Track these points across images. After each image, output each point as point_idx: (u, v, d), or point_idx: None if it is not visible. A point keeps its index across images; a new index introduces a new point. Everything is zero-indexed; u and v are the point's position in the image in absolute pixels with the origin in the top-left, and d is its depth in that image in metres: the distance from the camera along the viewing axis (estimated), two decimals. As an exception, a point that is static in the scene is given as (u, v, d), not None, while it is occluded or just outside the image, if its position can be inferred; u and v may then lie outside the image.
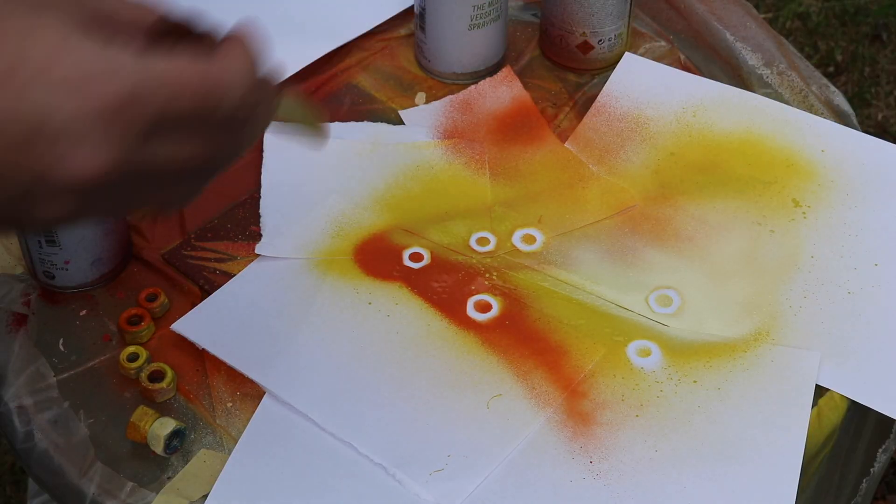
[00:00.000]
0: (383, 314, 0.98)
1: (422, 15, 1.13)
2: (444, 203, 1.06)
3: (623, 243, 1.03)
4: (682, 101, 1.13)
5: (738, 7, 1.21)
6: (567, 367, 0.95)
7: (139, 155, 0.58)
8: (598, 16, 1.13)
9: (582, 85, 1.16)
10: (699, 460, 0.90)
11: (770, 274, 1.01)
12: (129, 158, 0.58)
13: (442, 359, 0.95)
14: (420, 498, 0.88)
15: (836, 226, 1.04)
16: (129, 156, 0.58)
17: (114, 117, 0.57)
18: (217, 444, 0.92)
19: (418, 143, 1.10)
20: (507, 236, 1.04)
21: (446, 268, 1.01)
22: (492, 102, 1.13)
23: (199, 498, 0.89)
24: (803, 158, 1.09)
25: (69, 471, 0.91)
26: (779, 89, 1.15)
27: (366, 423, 0.92)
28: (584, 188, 1.07)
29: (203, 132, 0.60)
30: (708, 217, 1.05)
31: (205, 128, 0.60)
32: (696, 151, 1.09)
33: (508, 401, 0.93)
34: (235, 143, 0.62)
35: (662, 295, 1.00)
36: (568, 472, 0.89)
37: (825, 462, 0.97)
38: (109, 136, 0.57)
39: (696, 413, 0.92)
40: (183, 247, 1.03)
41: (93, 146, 0.57)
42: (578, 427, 0.92)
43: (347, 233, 1.03)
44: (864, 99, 2.21)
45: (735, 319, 0.98)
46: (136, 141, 0.58)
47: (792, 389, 0.94)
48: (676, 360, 0.95)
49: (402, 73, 1.17)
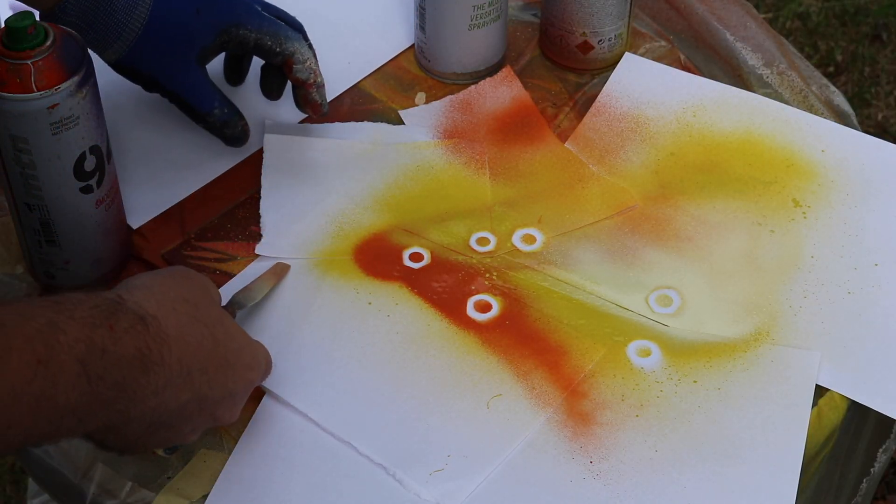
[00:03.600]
0: (383, 314, 0.98)
1: (422, 15, 1.13)
2: (444, 203, 1.06)
3: (623, 243, 1.03)
4: (682, 101, 1.13)
5: (738, 7, 1.21)
6: (567, 367, 0.95)
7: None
8: (598, 16, 1.13)
9: (582, 85, 1.16)
10: (699, 460, 0.90)
11: (770, 274, 1.01)
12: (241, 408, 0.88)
13: (442, 359, 0.95)
14: (420, 498, 0.88)
15: (836, 226, 1.04)
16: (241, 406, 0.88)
17: (252, 386, 0.88)
18: (217, 444, 0.92)
19: (418, 143, 1.10)
20: (507, 236, 1.04)
21: (446, 268, 1.01)
22: (492, 102, 1.13)
23: (199, 498, 0.89)
24: (803, 158, 1.09)
25: (69, 471, 0.91)
26: (779, 89, 1.15)
27: (366, 423, 0.92)
28: (584, 188, 1.07)
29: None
30: (708, 217, 1.05)
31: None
32: (696, 151, 1.09)
33: (508, 401, 0.93)
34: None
35: (662, 295, 1.00)
36: (568, 472, 0.89)
37: (825, 462, 0.97)
38: (245, 396, 0.88)
39: (696, 413, 0.92)
40: (183, 247, 1.03)
41: (241, 403, 0.87)
42: (578, 427, 0.92)
43: (347, 233, 1.03)
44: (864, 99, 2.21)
45: (735, 319, 0.98)
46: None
47: (792, 389, 0.94)
48: (676, 360, 0.95)
49: (402, 73, 1.17)
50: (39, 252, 0.97)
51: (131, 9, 0.97)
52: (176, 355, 0.79)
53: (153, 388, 0.77)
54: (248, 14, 1.01)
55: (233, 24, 1.01)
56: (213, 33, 1.01)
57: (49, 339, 0.73)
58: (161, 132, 1.09)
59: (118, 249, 1.00)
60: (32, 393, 0.71)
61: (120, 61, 1.00)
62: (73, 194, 0.93)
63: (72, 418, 0.74)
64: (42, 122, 0.88)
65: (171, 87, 1.02)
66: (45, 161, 0.90)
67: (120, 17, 0.97)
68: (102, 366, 0.74)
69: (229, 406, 0.85)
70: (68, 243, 0.96)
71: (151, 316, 0.78)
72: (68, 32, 0.90)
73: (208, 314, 0.84)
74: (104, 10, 0.96)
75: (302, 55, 1.03)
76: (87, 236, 0.96)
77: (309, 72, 1.03)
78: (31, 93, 0.87)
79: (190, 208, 1.05)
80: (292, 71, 1.03)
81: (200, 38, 1.00)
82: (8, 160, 0.91)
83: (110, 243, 0.98)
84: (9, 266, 1.02)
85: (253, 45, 1.02)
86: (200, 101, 1.02)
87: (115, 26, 0.97)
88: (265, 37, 1.02)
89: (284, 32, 1.02)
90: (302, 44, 1.03)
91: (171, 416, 0.80)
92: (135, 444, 0.80)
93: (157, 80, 1.01)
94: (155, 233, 1.04)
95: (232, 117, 1.03)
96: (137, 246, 1.03)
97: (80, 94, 0.89)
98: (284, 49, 1.02)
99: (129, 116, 1.09)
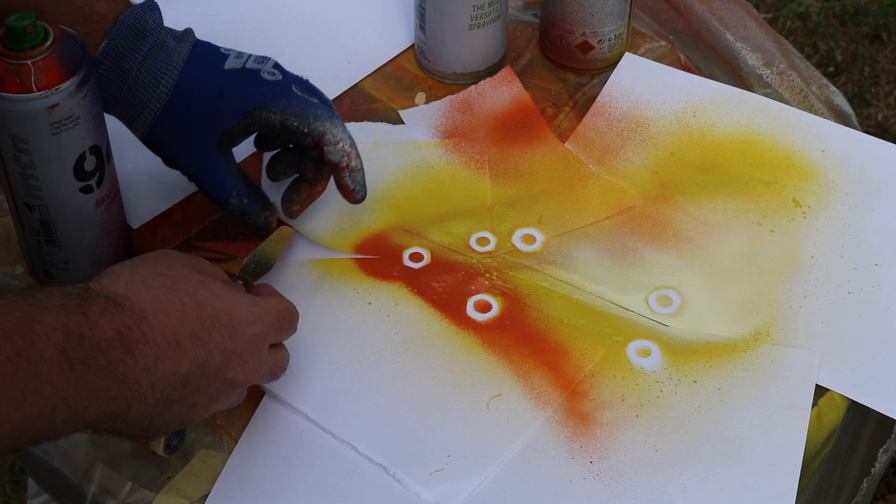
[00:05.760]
0: (383, 314, 0.98)
1: (422, 15, 1.13)
2: (444, 203, 1.06)
3: (623, 243, 1.03)
4: (682, 101, 1.13)
5: (738, 7, 1.21)
6: (567, 368, 0.95)
7: (266, 363, 0.86)
8: (598, 16, 1.13)
9: (582, 85, 1.16)
10: (699, 460, 0.90)
11: (770, 274, 1.01)
12: (261, 367, 0.85)
13: (442, 359, 0.95)
14: (420, 498, 0.88)
15: (836, 226, 1.04)
16: (262, 365, 0.85)
17: (262, 342, 0.85)
18: (217, 444, 0.92)
19: (418, 143, 1.10)
20: (507, 236, 1.04)
21: (446, 268, 1.01)
22: (492, 102, 1.13)
23: (199, 498, 0.89)
24: (803, 158, 1.09)
25: (69, 471, 0.91)
26: (779, 89, 1.15)
27: (366, 423, 0.92)
28: (584, 188, 1.07)
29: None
30: (708, 217, 1.05)
31: (287, 338, 0.89)
32: (696, 151, 1.10)
33: (508, 401, 0.93)
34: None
35: (662, 295, 1.00)
36: (568, 472, 0.89)
37: (825, 462, 0.97)
38: (255, 353, 0.84)
39: (696, 413, 0.92)
40: (183, 247, 1.03)
41: (253, 361, 0.84)
42: (578, 427, 0.92)
43: (347, 232, 1.03)
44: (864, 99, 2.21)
45: (735, 319, 0.98)
46: (266, 354, 0.86)
47: (792, 389, 0.94)
48: (676, 360, 0.95)
49: (402, 73, 1.17)
50: (39, 252, 0.97)
51: (153, 87, 0.95)
52: (158, 329, 0.78)
53: (143, 366, 0.77)
54: (273, 95, 0.96)
55: (256, 106, 0.96)
56: (237, 116, 0.96)
57: (26, 331, 0.73)
58: (161, 132, 1.09)
59: (118, 249, 1.00)
60: (17, 386, 0.72)
61: (144, 138, 0.98)
62: (73, 194, 0.93)
63: (64, 409, 0.74)
64: (42, 122, 0.88)
65: (187, 171, 0.99)
66: (45, 161, 0.90)
67: (142, 94, 0.95)
68: (83, 351, 0.74)
69: (238, 366, 0.83)
70: (68, 243, 0.96)
71: (122, 296, 0.78)
72: (68, 32, 0.90)
73: (187, 281, 0.82)
74: (128, 84, 0.95)
75: (334, 136, 0.97)
76: (87, 236, 0.96)
77: (342, 154, 0.98)
78: (31, 93, 0.87)
79: (190, 208, 1.05)
80: (324, 153, 0.98)
81: (223, 121, 0.96)
82: (8, 160, 0.91)
83: (110, 243, 0.98)
84: (9, 266, 1.02)
85: (279, 126, 0.96)
86: (217, 188, 0.98)
87: (137, 103, 0.96)
88: (291, 118, 0.96)
89: (313, 112, 0.97)
90: (334, 123, 0.97)
91: (174, 390, 0.79)
92: (150, 427, 0.80)
93: (175, 161, 0.99)
94: (155, 233, 1.04)
95: (253, 208, 0.99)
96: (137, 246, 1.03)
97: (80, 94, 0.89)
98: (313, 130, 0.96)
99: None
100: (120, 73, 0.95)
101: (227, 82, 0.96)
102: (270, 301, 0.87)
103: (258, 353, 0.85)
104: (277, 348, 0.88)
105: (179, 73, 0.96)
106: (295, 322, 0.89)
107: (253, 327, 0.84)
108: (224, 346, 0.82)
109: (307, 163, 1.01)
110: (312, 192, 1.01)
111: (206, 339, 0.81)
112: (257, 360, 0.84)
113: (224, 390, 0.83)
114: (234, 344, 0.82)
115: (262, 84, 0.97)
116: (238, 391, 0.85)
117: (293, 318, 0.89)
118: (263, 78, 0.97)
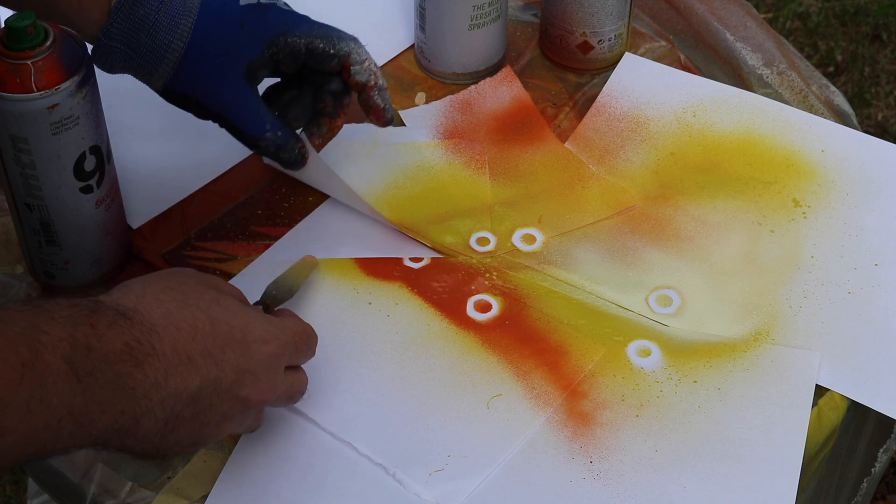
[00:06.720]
0: (383, 314, 0.98)
1: (422, 15, 1.13)
2: (444, 203, 1.06)
3: (623, 243, 1.03)
4: (682, 101, 1.13)
5: (738, 7, 1.21)
6: (567, 367, 0.95)
7: (282, 384, 0.85)
8: (598, 16, 1.13)
9: (582, 85, 1.16)
10: (699, 460, 0.90)
11: (770, 274, 1.01)
12: (276, 388, 0.84)
13: (442, 359, 0.95)
14: (420, 498, 0.88)
15: (836, 226, 1.04)
16: (277, 386, 0.84)
17: (277, 361, 0.84)
18: (217, 444, 0.92)
19: (418, 143, 1.10)
20: (507, 236, 1.04)
21: (446, 268, 1.01)
22: (492, 102, 1.13)
23: (199, 498, 0.89)
24: (803, 158, 1.09)
25: (69, 471, 0.91)
26: (779, 89, 1.15)
27: (366, 423, 0.92)
28: (584, 188, 1.07)
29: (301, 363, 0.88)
30: (708, 217, 1.05)
31: (304, 360, 0.88)
32: (696, 151, 1.10)
33: (508, 401, 0.93)
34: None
35: (662, 295, 1.00)
36: (568, 472, 0.89)
37: (825, 462, 0.97)
38: (270, 372, 0.83)
39: (696, 413, 0.92)
40: (183, 247, 1.03)
41: (267, 380, 0.83)
42: (578, 427, 0.92)
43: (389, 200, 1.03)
44: (864, 99, 2.21)
45: (735, 319, 0.98)
46: (282, 375, 0.85)
47: (792, 389, 0.94)
48: (676, 360, 0.95)
49: (402, 73, 1.17)
50: (39, 252, 0.97)
51: (173, 27, 0.93)
52: (169, 343, 0.77)
53: (153, 381, 0.76)
54: (295, 22, 0.97)
55: (280, 32, 0.96)
56: (261, 46, 0.96)
57: (32, 342, 0.72)
58: (161, 132, 1.09)
59: (118, 249, 1.00)
60: (22, 396, 0.70)
61: (167, 86, 0.95)
62: (73, 194, 0.93)
63: (71, 421, 0.72)
64: (42, 122, 0.88)
65: (218, 109, 0.96)
66: (45, 161, 0.90)
67: (162, 37, 0.93)
68: (91, 363, 0.73)
69: (252, 384, 0.81)
70: (68, 243, 0.96)
71: (132, 309, 0.77)
72: (68, 32, 0.90)
73: (200, 297, 0.81)
74: (146, 31, 0.93)
75: (359, 55, 0.98)
76: (87, 236, 0.96)
77: (369, 73, 0.98)
78: (31, 93, 0.87)
79: (190, 208, 1.05)
80: (351, 74, 0.98)
81: (248, 53, 0.95)
82: (8, 160, 0.91)
83: (110, 243, 0.98)
84: (9, 266, 1.02)
85: (305, 51, 0.96)
86: (251, 124, 0.96)
87: (158, 47, 0.93)
88: (317, 40, 0.96)
89: (336, 34, 0.97)
90: (358, 44, 0.98)
91: (185, 406, 0.78)
92: (161, 445, 0.78)
93: (204, 103, 0.96)
94: (155, 233, 1.04)
95: (287, 141, 0.98)
96: (137, 246, 1.03)
97: (80, 94, 0.89)
98: (339, 50, 0.97)
99: (129, 116, 1.09)
100: (137, 21, 0.92)
101: (246, 15, 0.95)
102: (287, 321, 0.86)
103: (273, 372, 0.83)
104: (295, 371, 0.87)
105: (198, 12, 0.94)
106: (313, 345, 0.88)
107: (267, 346, 0.83)
108: (237, 364, 0.80)
109: (325, 97, 1.00)
110: (333, 127, 1.01)
111: (218, 356, 0.79)
112: (272, 379, 0.83)
113: (237, 409, 0.81)
114: (248, 361, 0.81)
115: (281, 13, 0.97)
116: (253, 412, 0.83)
117: (311, 340, 0.88)
118: (281, 8, 0.97)
